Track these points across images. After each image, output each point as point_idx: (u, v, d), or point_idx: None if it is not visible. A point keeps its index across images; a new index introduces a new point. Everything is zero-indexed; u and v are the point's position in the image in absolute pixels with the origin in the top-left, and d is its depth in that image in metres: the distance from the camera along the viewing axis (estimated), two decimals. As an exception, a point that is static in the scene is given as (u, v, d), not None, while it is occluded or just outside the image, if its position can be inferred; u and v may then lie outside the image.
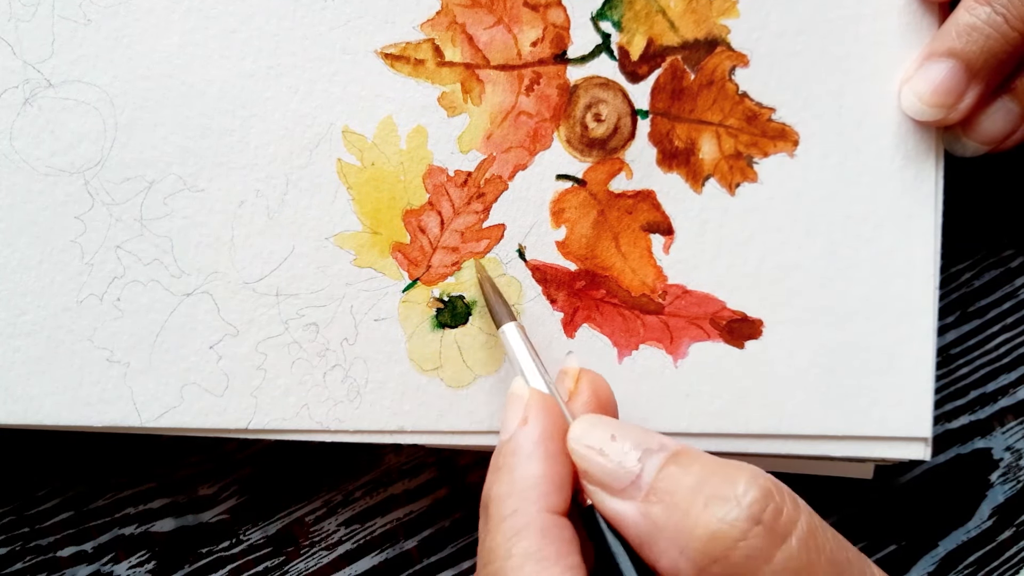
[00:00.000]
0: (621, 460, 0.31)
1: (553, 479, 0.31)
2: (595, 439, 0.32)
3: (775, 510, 0.28)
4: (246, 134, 0.39)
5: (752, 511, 0.28)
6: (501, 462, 0.32)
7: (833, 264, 0.41)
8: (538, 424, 0.32)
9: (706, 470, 0.30)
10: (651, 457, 0.31)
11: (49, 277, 0.39)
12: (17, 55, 0.38)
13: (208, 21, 0.39)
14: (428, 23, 0.40)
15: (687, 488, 0.29)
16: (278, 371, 0.40)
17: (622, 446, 0.31)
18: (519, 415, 0.33)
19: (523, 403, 0.33)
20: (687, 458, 0.30)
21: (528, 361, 0.36)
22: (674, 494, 0.29)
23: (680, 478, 0.30)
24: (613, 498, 0.31)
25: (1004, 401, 0.47)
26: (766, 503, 0.28)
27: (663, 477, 0.30)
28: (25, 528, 0.43)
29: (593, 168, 0.41)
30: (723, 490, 0.29)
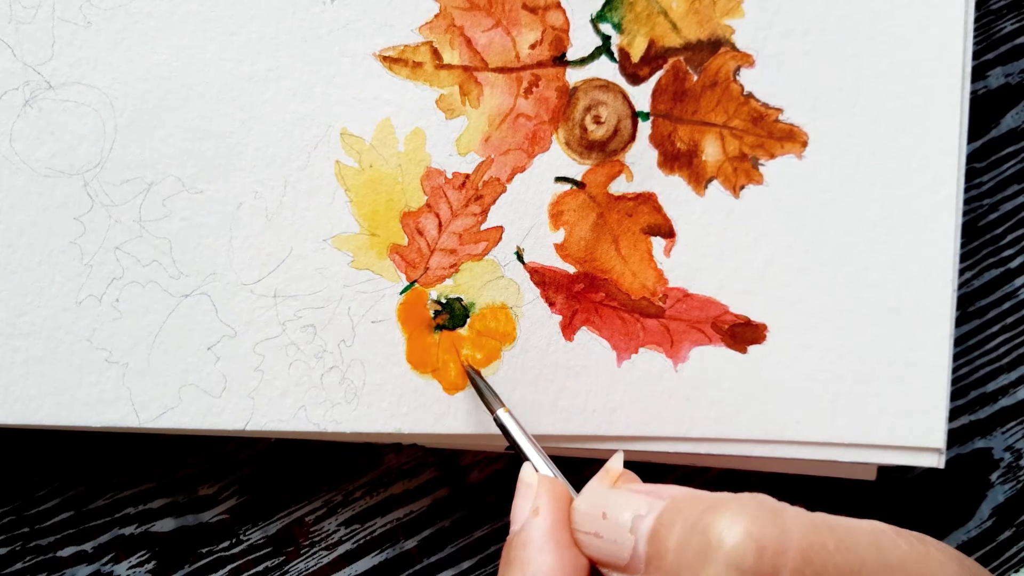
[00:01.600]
0: (615, 538, 0.30)
1: (565, 571, 0.30)
2: (588, 523, 0.31)
3: (756, 551, 0.26)
4: (245, 136, 0.39)
5: (731, 561, 0.27)
6: (512, 555, 0.31)
7: (843, 269, 0.41)
8: (548, 515, 0.32)
9: (686, 525, 0.28)
10: (641, 524, 0.29)
11: (48, 278, 0.39)
12: (17, 57, 0.39)
13: (207, 24, 0.39)
14: (426, 26, 0.40)
15: (672, 551, 0.28)
16: (276, 372, 0.40)
17: (614, 521, 0.30)
18: (530, 504, 0.32)
19: (532, 491, 0.33)
20: (670, 515, 0.29)
21: (531, 447, 0.35)
22: (663, 559, 0.28)
23: (665, 542, 0.28)
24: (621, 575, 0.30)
25: (1004, 401, 0.46)
26: (745, 547, 0.27)
27: (652, 543, 0.29)
28: (25, 528, 0.43)
29: (592, 170, 0.40)
30: (702, 545, 0.27)
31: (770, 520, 0.27)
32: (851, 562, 0.26)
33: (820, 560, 0.26)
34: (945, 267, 0.41)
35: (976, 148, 0.46)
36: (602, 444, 0.41)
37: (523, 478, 0.34)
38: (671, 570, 0.28)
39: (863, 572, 0.26)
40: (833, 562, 0.26)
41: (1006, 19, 0.47)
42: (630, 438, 0.41)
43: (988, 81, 0.47)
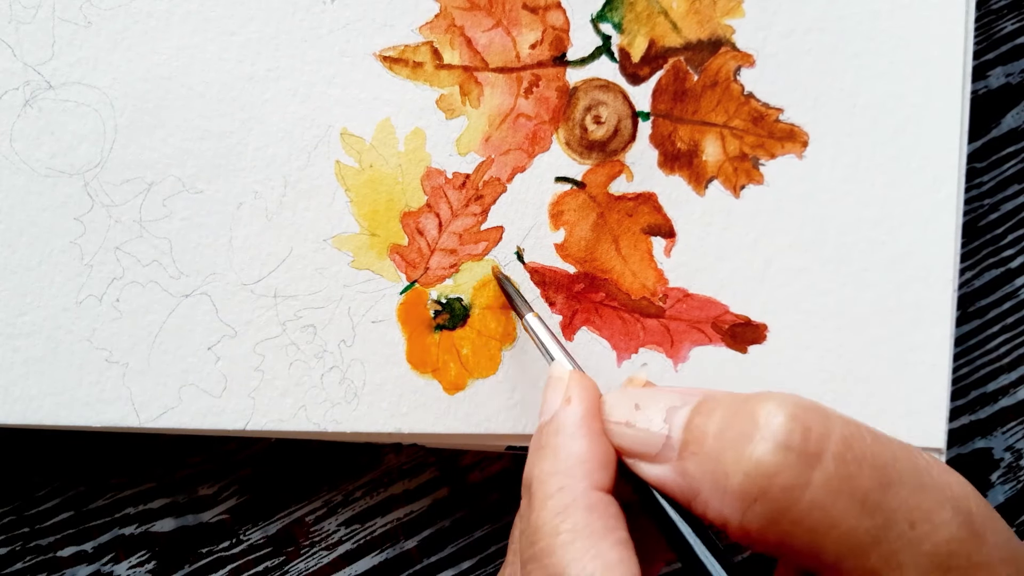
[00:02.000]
0: (648, 427, 0.30)
1: (598, 457, 0.31)
2: (621, 413, 0.31)
3: (803, 432, 0.27)
4: (245, 136, 0.39)
5: (778, 440, 0.27)
6: (544, 441, 0.32)
7: (843, 268, 0.41)
8: (581, 403, 0.32)
9: (729, 411, 0.29)
10: (676, 415, 0.30)
11: (49, 278, 0.39)
12: (17, 57, 0.39)
13: (207, 24, 0.39)
14: (427, 26, 0.40)
15: (713, 435, 0.29)
16: (276, 372, 0.40)
17: (647, 413, 0.31)
18: (561, 395, 0.33)
19: (564, 384, 0.33)
20: (709, 405, 0.30)
21: (559, 349, 0.36)
22: (702, 444, 0.29)
23: (705, 427, 0.29)
24: (651, 465, 0.30)
25: (1004, 401, 0.46)
26: (792, 427, 0.27)
27: (690, 431, 0.29)
28: (25, 528, 0.43)
29: (593, 170, 0.40)
30: (747, 427, 0.28)
31: (813, 407, 0.28)
32: (885, 455, 0.28)
33: (859, 447, 0.27)
34: (945, 267, 0.41)
35: (977, 148, 0.46)
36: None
37: (554, 372, 0.34)
38: (711, 454, 0.28)
39: (895, 465, 0.27)
40: (871, 451, 0.27)
41: (1007, 19, 0.47)
42: (630, 438, 0.41)
43: (989, 81, 0.47)
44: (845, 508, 0.27)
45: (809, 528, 0.27)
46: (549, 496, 0.30)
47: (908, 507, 0.27)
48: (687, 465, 0.29)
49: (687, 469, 0.29)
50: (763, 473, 0.27)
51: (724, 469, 0.28)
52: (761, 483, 0.27)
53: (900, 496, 0.27)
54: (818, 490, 0.27)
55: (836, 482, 0.27)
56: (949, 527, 0.27)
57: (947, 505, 0.27)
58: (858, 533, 0.27)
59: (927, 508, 0.27)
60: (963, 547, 0.27)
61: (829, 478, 0.27)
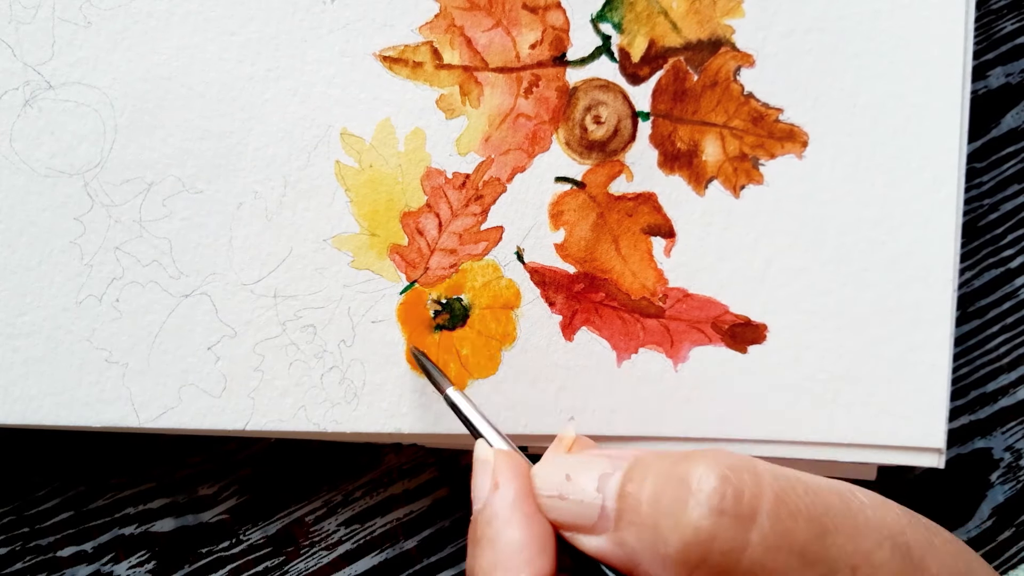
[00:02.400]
0: (581, 498, 0.30)
1: (536, 541, 0.30)
2: (551, 486, 0.31)
3: (735, 494, 0.27)
4: (245, 136, 0.39)
5: (712, 504, 0.27)
6: (479, 533, 0.31)
7: (843, 268, 0.41)
8: (510, 487, 0.31)
9: (661, 476, 0.29)
10: (608, 482, 0.30)
11: (48, 278, 0.39)
12: (17, 57, 0.39)
13: (207, 24, 0.39)
14: (427, 26, 0.40)
15: (647, 502, 0.28)
16: (276, 372, 0.40)
17: (579, 483, 0.30)
18: (489, 480, 0.32)
19: (490, 467, 0.32)
20: (641, 470, 0.29)
21: (484, 423, 0.35)
22: (638, 513, 0.28)
23: (639, 494, 0.29)
24: (589, 537, 0.30)
25: (1004, 401, 0.46)
26: (724, 490, 0.27)
27: (623, 499, 0.29)
28: (25, 528, 0.43)
29: (592, 170, 0.40)
30: (680, 493, 0.28)
31: (744, 467, 0.28)
32: (819, 505, 0.28)
33: (793, 501, 0.28)
34: (945, 267, 0.41)
35: (976, 148, 0.46)
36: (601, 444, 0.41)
37: (479, 455, 0.33)
38: (647, 522, 0.28)
39: (829, 514, 0.28)
40: (804, 503, 0.28)
41: (1006, 19, 0.47)
42: (630, 438, 0.41)
43: (988, 81, 0.47)
44: (786, 563, 0.27)
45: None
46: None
47: (847, 553, 0.27)
48: (624, 535, 0.29)
49: (625, 539, 0.29)
50: (701, 540, 0.27)
51: (662, 537, 0.28)
52: (700, 550, 0.27)
53: (838, 544, 0.27)
54: (757, 549, 0.27)
55: (773, 539, 0.27)
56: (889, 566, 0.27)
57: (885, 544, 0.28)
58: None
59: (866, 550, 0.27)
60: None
61: (766, 536, 0.27)
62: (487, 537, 0.31)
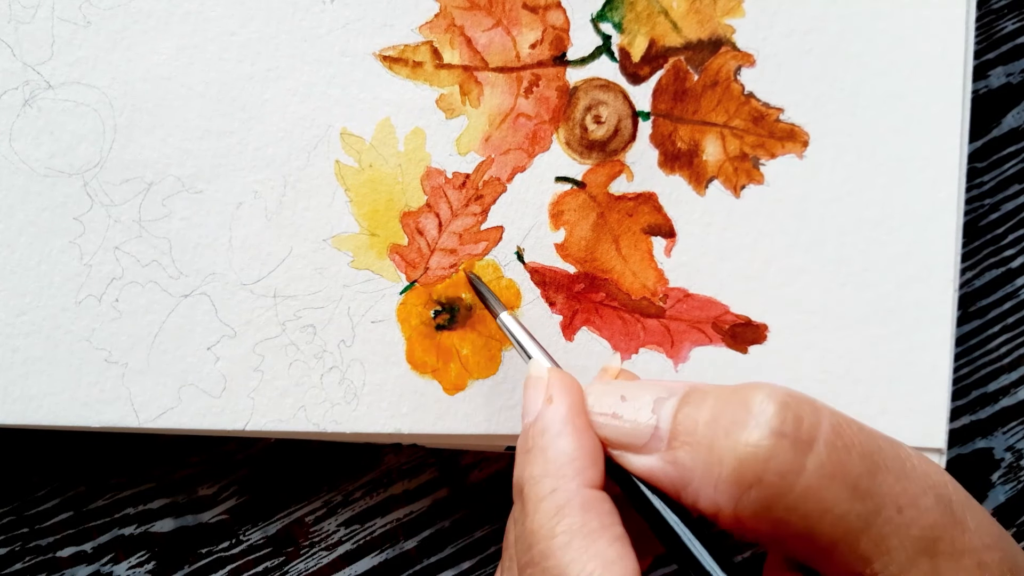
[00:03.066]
0: (635, 418, 0.30)
1: (587, 453, 0.31)
2: (606, 405, 0.31)
3: (795, 419, 0.28)
4: (245, 136, 0.39)
5: (772, 426, 0.27)
6: (531, 443, 0.32)
7: (843, 268, 0.41)
8: (563, 401, 0.32)
9: (720, 400, 0.29)
10: (663, 405, 0.30)
11: (48, 278, 0.39)
12: (17, 57, 0.39)
13: (207, 24, 0.39)
14: (426, 25, 0.40)
15: (704, 423, 0.29)
16: (275, 372, 0.40)
17: (633, 404, 0.31)
18: (542, 395, 0.33)
19: (544, 383, 0.33)
20: (698, 395, 0.30)
21: (536, 346, 0.36)
22: (693, 433, 0.29)
23: (696, 415, 0.29)
24: (639, 456, 0.30)
25: (1005, 401, 0.46)
26: (784, 415, 0.28)
27: (679, 420, 0.29)
28: (25, 528, 0.43)
29: (593, 170, 0.40)
30: (739, 415, 0.28)
31: (802, 397, 0.29)
32: (872, 445, 0.28)
33: (848, 435, 0.28)
34: (946, 267, 0.41)
35: (977, 148, 0.46)
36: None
37: (532, 372, 0.34)
38: (703, 442, 0.28)
39: (881, 453, 0.28)
40: (859, 439, 0.28)
41: (1007, 18, 0.46)
42: (630, 438, 0.41)
43: (989, 81, 0.47)
44: (837, 494, 0.27)
45: (803, 514, 0.27)
46: (542, 498, 0.30)
47: (895, 493, 0.27)
48: (677, 454, 0.29)
49: (677, 458, 0.29)
50: (758, 459, 0.27)
51: (717, 456, 0.28)
52: (756, 469, 0.27)
53: (888, 482, 0.27)
54: (811, 476, 0.27)
55: (829, 467, 0.27)
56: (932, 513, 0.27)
57: (930, 492, 0.28)
58: (850, 518, 0.27)
59: (913, 494, 0.28)
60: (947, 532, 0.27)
61: (822, 463, 0.27)
62: (539, 447, 0.31)
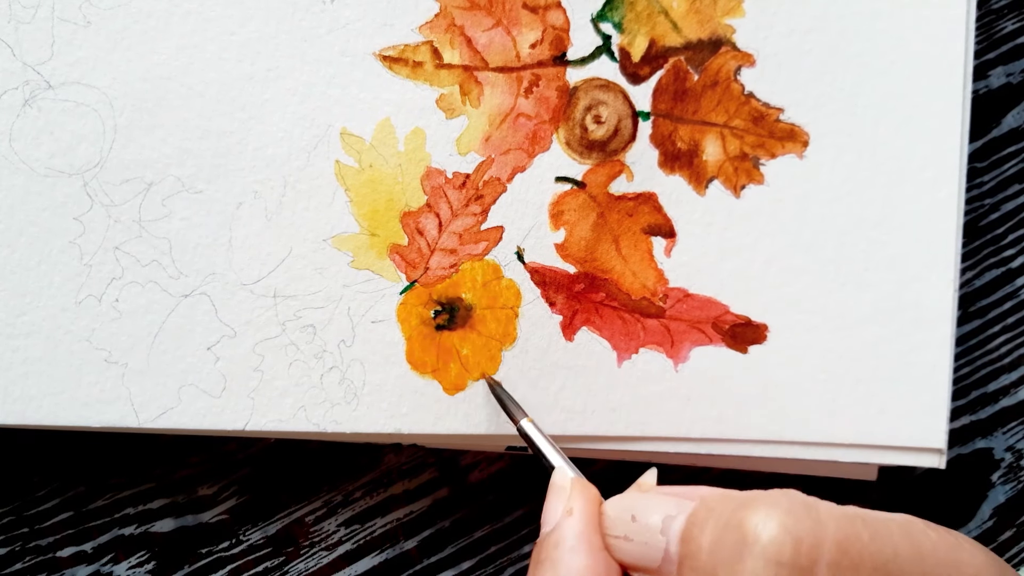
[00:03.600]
0: (646, 540, 0.30)
1: (598, 572, 0.30)
2: (618, 527, 0.31)
3: (793, 544, 0.26)
4: (244, 136, 0.39)
5: (768, 556, 0.26)
6: (544, 556, 0.31)
7: (844, 268, 0.41)
8: (582, 516, 0.31)
9: (720, 523, 0.28)
10: (672, 525, 0.29)
11: (48, 278, 0.39)
12: (17, 57, 0.39)
13: (207, 23, 0.39)
14: (427, 25, 0.40)
15: (707, 551, 0.28)
16: (275, 372, 0.40)
17: (644, 524, 0.30)
18: (563, 505, 0.32)
19: (566, 493, 0.32)
20: (703, 514, 0.29)
21: (557, 454, 0.35)
22: (698, 560, 0.28)
23: (699, 541, 0.28)
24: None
25: (1005, 401, 0.46)
26: (782, 541, 0.27)
27: (685, 543, 0.29)
28: (25, 528, 0.43)
29: (593, 170, 0.40)
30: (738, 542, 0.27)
31: (804, 514, 0.27)
32: (885, 552, 0.27)
33: (856, 551, 0.27)
34: (946, 267, 0.41)
35: (977, 148, 0.46)
36: (602, 444, 0.41)
37: (556, 481, 0.33)
38: (706, 569, 0.28)
39: (897, 562, 0.27)
40: (868, 552, 0.27)
41: (1007, 18, 0.46)
42: (630, 438, 0.41)
43: (989, 81, 0.47)
44: None
45: None
46: None
47: None
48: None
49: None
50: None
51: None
52: None
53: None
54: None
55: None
56: None
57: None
58: None
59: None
60: None
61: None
62: (551, 559, 0.31)
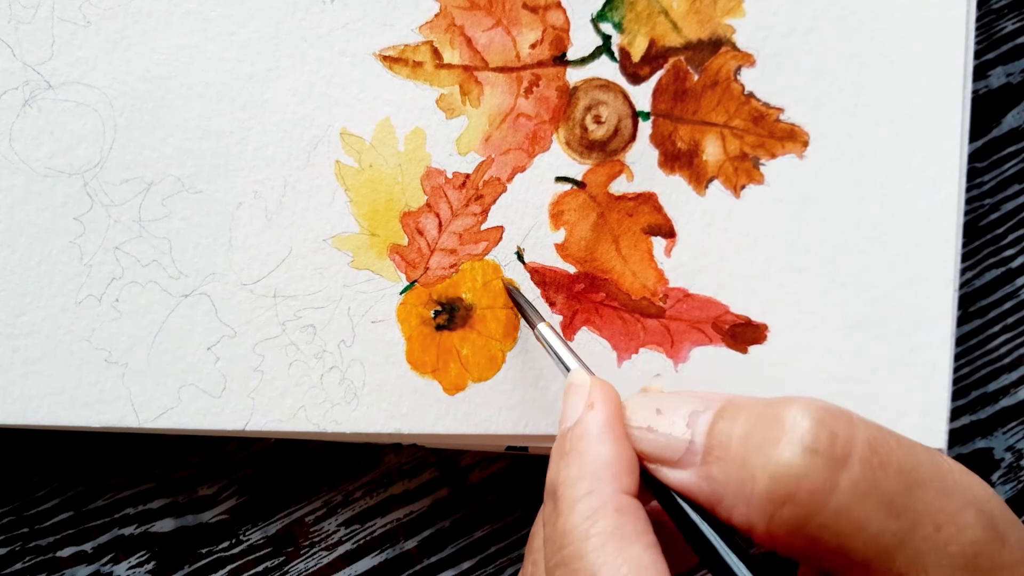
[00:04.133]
0: (670, 431, 0.30)
1: (624, 461, 0.31)
2: (642, 418, 0.31)
3: (829, 435, 0.27)
4: (245, 136, 0.39)
5: (806, 443, 0.27)
6: (569, 447, 0.32)
7: (844, 268, 0.41)
8: (604, 408, 0.32)
9: (753, 415, 0.29)
10: (698, 419, 0.30)
11: (48, 278, 0.39)
12: (17, 57, 0.39)
13: (207, 23, 0.39)
14: (427, 25, 0.40)
15: (738, 439, 0.28)
16: (275, 373, 0.40)
17: (669, 417, 0.31)
18: (583, 401, 0.33)
19: (586, 390, 0.33)
20: (733, 409, 0.30)
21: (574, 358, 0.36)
22: (727, 449, 0.29)
23: (730, 431, 0.29)
24: (674, 470, 0.30)
25: (1005, 401, 0.46)
26: (818, 431, 0.27)
27: (713, 435, 0.29)
28: (25, 528, 0.43)
29: (593, 170, 0.40)
30: (773, 431, 0.28)
31: (839, 412, 0.28)
32: (911, 460, 0.28)
33: (885, 451, 0.28)
34: (946, 267, 0.41)
35: (977, 148, 0.46)
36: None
37: (574, 380, 0.34)
38: (736, 458, 0.28)
39: (919, 469, 0.27)
40: (896, 455, 0.28)
41: (1007, 18, 0.46)
42: (630, 438, 0.41)
43: (989, 81, 0.46)
44: (872, 511, 0.27)
45: (836, 532, 0.27)
46: (577, 500, 0.30)
47: (933, 510, 0.27)
48: (711, 470, 0.29)
49: (711, 473, 0.29)
50: (790, 476, 0.27)
51: (750, 473, 0.28)
52: (788, 487, 0.27)
53: (925, 499, 0.27)
54: (845, 493, 0.27)
55: (863, 485, 0.27)
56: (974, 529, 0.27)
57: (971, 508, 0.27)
58: (885, 536, 0.27)
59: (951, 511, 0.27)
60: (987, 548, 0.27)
61: (856, 481, 0.27)
62: (577, 450, 0.31)
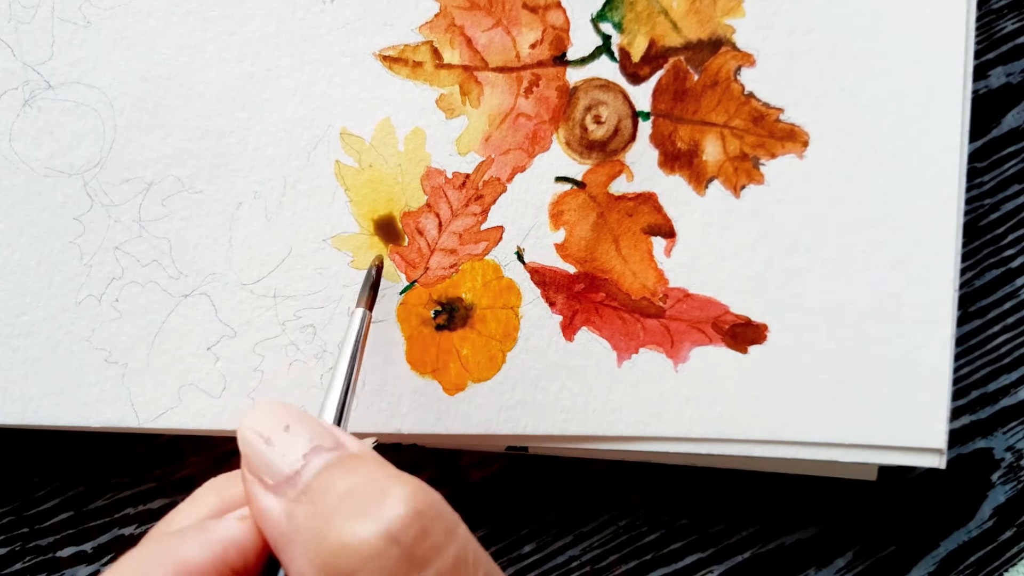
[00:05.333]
0: (285, 453, 0.27)
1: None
2: (267, 426, 0.28)
3: (419, 533, 0.25)
4: (244, 136, 0.39)
5: (391, 530, 0.25)
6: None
7: (844, 268, 0.41)
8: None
9: (367, 479, 0.26)
10: (319, 455, 0.27)
11: (48, 278, 0.39)
12: (17, 57, 0.39)
13: (207, 23, 0.39)
14: (426, 25, 0.40)
15: (338, 494, 0.26)
16: (275, 373, 0.40)
17: (293, 439, 0.28)
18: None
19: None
20: (355, 463, 0.27)
21: (346, 356, 0.34)
22: (323, 498, 0.26)
23: (336, 482, 0.26)
24: (265, 492, 0.27)
25: (1005, 401, 0.46)
26: (410, 523, 0.25)
27: (321, 478, 0.27)
28: (25, 528, 0.43)
29: (593, 170, 0.40)
30: (371, 502, 0.25)
31: (447, 515, 0.27)
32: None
33: (472, 558, 0.26)
34: (946, 267, 0.41)
35: (977, 148, 0.46)
36: (602, 444, 0.41)
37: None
38: (324, 512, 0.26)
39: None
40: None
41: (1007, 18, 0.46)
42: (630, 438, 0.41)
43: (989, 80, 0.47)
44: None
45: None
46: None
47: None
48: (297, 511, 0.27)
49: (295, 515, 0.27)
50: (359, 553, 0.25)
51: (325, 532, 0.25)
52: (352, 563, 0.25)
53: None
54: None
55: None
56: None
57: None
58: None
59: None
60: None
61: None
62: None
